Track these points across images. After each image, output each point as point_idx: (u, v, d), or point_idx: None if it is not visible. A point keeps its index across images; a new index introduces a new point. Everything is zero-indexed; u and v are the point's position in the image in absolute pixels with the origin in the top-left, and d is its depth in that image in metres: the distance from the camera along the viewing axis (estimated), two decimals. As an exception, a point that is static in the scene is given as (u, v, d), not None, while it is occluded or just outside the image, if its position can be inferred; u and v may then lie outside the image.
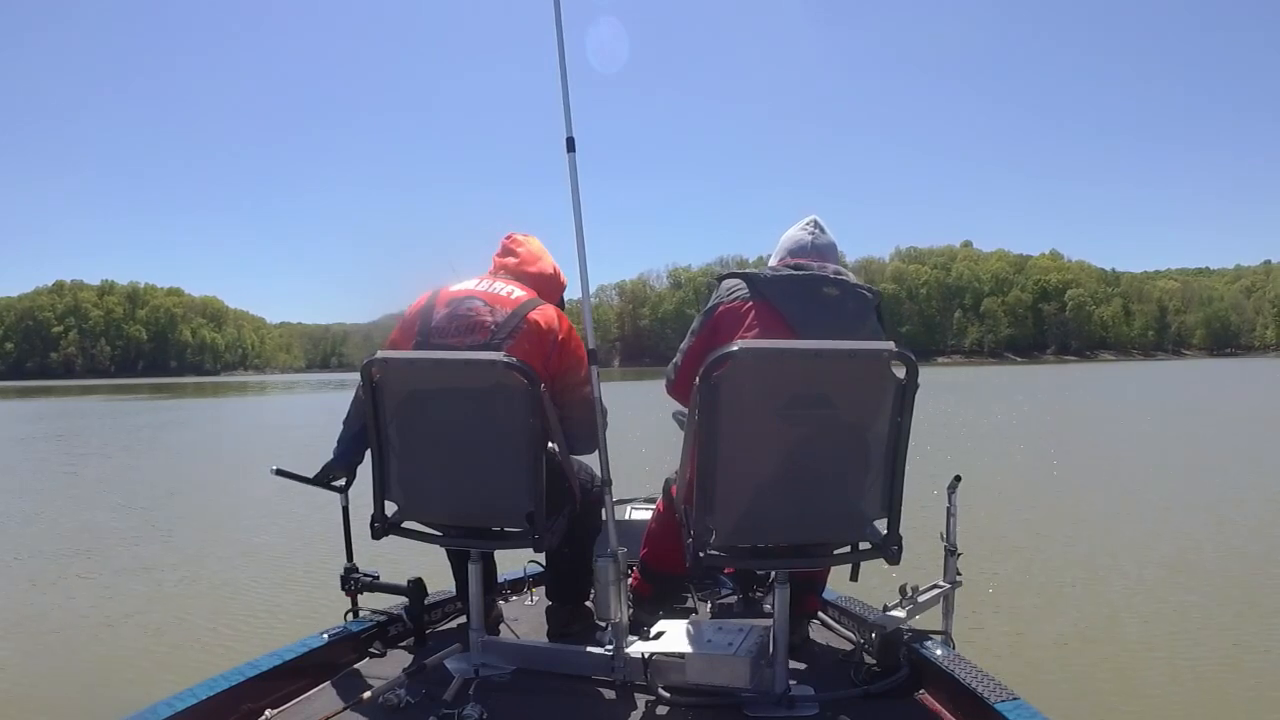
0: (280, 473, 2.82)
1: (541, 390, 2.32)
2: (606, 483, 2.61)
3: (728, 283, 2.59)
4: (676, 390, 2.64)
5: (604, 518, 2.63)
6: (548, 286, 2.83)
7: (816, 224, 2.74)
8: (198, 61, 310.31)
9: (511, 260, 2.84)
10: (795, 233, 2.74)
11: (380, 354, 2.42)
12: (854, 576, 2.44)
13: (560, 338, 2.65)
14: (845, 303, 2.50)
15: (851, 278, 2.58)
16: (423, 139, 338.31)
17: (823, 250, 2.68)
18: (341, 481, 2.84)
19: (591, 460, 2.77)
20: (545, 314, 2.65)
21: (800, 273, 2.55)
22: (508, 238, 2.93)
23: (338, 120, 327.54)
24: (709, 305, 2.59)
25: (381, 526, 2.53)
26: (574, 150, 2.62)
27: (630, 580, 2.91)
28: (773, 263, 2.73)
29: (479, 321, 2.59)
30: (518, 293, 2.69)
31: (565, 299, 2.92)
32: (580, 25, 3.47)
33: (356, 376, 2.48)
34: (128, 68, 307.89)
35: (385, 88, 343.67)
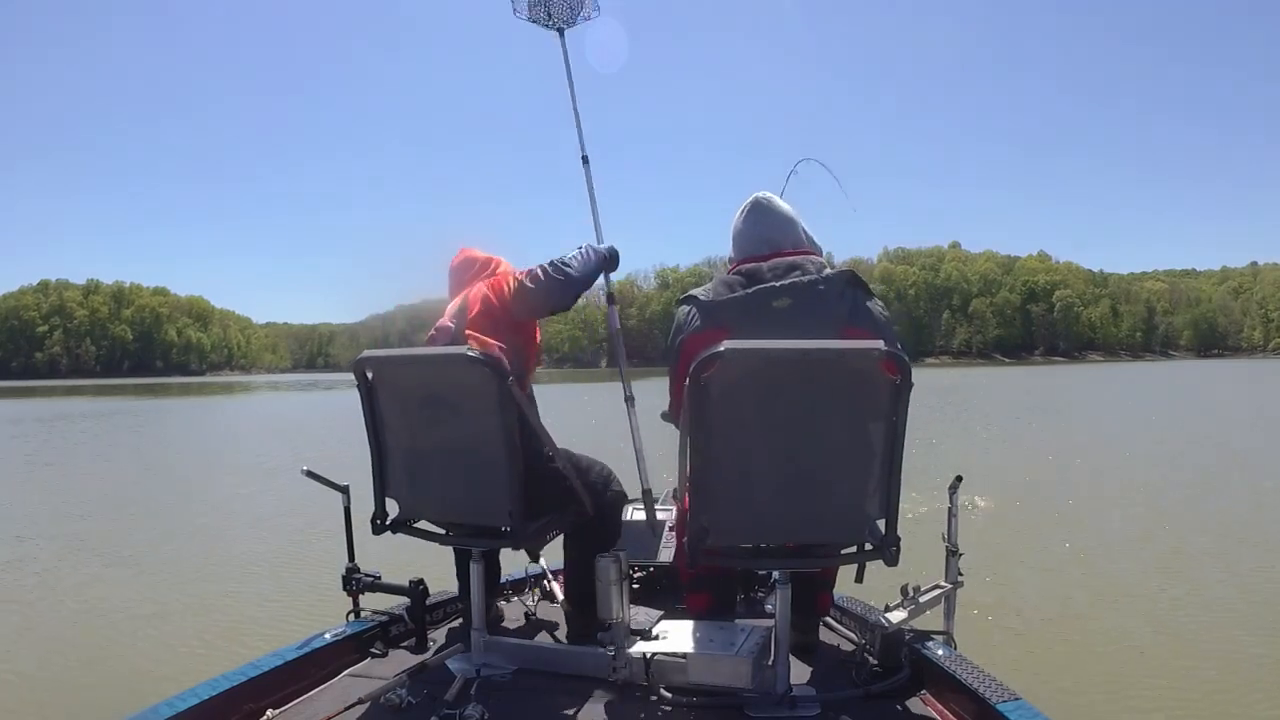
0: (310, 474, 2.86)
1: (510, 382, 2.29)
2: (646, 491, 2.63)
3: (682, 310, 2.48)
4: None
5: (626, 520, 2.63)
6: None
7: (757, 206, 2.55)
8: (189, 60, 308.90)
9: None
10: (738, 224, 2.56)
11: (366, 352, 2.45)
12: (859, 578, 2.41)
13: (493, 282, 2.80)
14: (804, 308, 2.32)
15: (811, 265, 2.41)
16: (419, 138, 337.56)
17: (770, 239, 2.50)
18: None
19: (606, 461, 2.81)
20: (477, 287, 2.82)
21: (749, 290, 2.37)
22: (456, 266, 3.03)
23: (333, 119, 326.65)
24: (674, 338, 2.47)
25: (381, 523, 2.55)
26: (588, 165, 2.65)
27: (684, 602, 2.86)
28: (730, 257, 2.60)
29: (443, 326, 2.79)
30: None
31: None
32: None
33: (342, 378, 2.51)
34: (115, 64, 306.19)
35: (381, 86, 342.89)
